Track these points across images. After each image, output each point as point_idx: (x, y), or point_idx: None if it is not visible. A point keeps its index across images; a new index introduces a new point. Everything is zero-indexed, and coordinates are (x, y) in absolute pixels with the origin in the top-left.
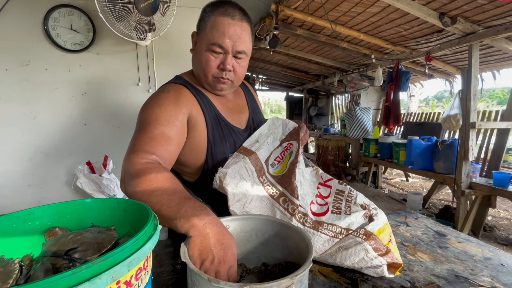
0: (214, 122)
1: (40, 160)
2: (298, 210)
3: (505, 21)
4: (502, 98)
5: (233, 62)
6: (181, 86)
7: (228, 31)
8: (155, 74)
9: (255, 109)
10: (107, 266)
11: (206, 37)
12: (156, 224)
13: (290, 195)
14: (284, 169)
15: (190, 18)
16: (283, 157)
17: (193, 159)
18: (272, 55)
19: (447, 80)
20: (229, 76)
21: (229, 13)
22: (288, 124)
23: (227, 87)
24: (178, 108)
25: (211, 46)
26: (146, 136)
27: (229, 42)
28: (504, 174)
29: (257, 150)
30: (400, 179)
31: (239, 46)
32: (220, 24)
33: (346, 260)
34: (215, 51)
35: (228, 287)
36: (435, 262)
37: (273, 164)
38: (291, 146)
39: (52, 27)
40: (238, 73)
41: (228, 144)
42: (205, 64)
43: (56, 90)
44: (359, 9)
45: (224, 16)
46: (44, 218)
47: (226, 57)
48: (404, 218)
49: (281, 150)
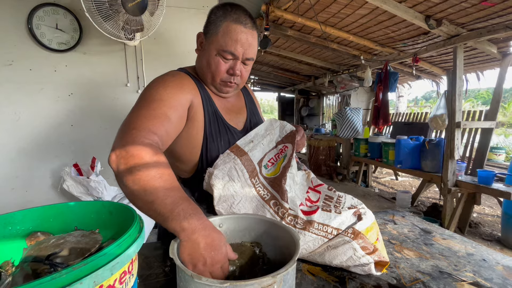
0: (212, 117)
1: (24, 162)
2: (288, 213)
3: (488, 24)
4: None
5: (241, 68)
6: (186, 75)
7: (241, 39)
8: (144, 75)
9: (254, 111)
10: (89, 270)
11: (217, 42)
12: (142, 227)
13: (280, 198)
14: (277, 172)
15: (179, 18)
16: (277, 159)
17: (189, 153)
18: (263, 55)
19: (434, 81)
20: (236, 81)
21: (241, 21)
22: (286, 127)
23: (233, 90)
24: (182, 93)
25: (222, 52)
26: (149, 113)
27: (241, 49)
28: (488, 172)
29: (250, 151)
30: (390, 178)
31: (249, 54)
32: (233, 32)
33: (335, 259)
34: (226, 57)
35: (210, 283)
36: (421, 259)
37: (266, 166)
38: (286, 149)
39: (37, 26)
40: (244, 77)
41: (223, 142)
42: (214, 68)
43: (41, 91)
44: (348, 11)
45: (237, 24)
46: (25, 222)
47: (235, 63)
48: (392, 217)
49: (275, 152)
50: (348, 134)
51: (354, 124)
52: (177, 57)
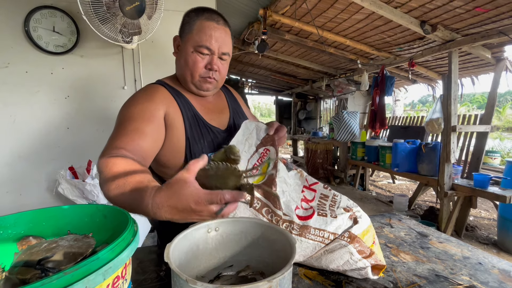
0: (192, 121)
1: (19, 165)
2: (283, 220)
3: (482, 29)
4: (482, 102)
5: (218, 63)
6: (158, 85)
7: (215, 34)
8: (141, 77)
9: (237, 110)
10: (81, 275)
11: (192, 39)
12: (136, 230)
13: (272, 206)
14: (263, 178)
15: (177, 21)
16: (261, 163)
17: (173, 159)
18: (260, 59)
19: (430, 85)
20: (215, 76)
21: (213, 18)
22: (262, 128)
23: (213, 87)
24: (153, 104)
25: (198, 48)
26: (117, 134)
27: (216, 44)
28: (484, 175)
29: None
30: (387, 182)
31: (224, 48)
32: (207, 28)
33: (331, 263)
34: (202, 52)
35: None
36: (417, 263)
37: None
38: (268, 152)
39: (34, 29)
40: (222, 73)
41: (206, 143)
42: (192, 65)
43: (37, 93)
44: (344, 16)
45: (210, 21)
46: (17, 226)
47: (212, 58)
48: (389, 220)
49: (257, 157)
50: (345, 137)
51: (351, 128)
52: (173, 60)
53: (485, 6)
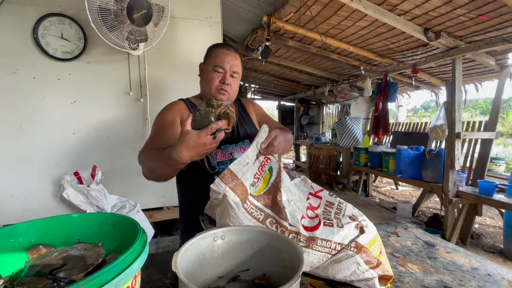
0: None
1: (24, 170)
2: (289, 231)
3: (485, 37)
4: (485, 108)
5: (230, 79)
6: (179, 101)
7: (226, 57)
8: (147, 84)
9: (245, 118)
10: (94, 287)
11: (211, 62)
12: (146, 240)
13: (278, 217)
14: (264, 187)
15: (183, 29)
16: (262, 173)
17: None
18: (264, 65)
19: (433, 91)
20: (227, 89)
21: (226, 47)
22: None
23: (226, 98)
24: (171, 113)
25: (215, 67)
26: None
27: (228, 64)
28: (489, 183)
29: (244, 175)
30: (390, 188)
31: (234, 68)
32: (221, 53)
33: (338, 274)
34: (217, 71)
35: None
36: (425, 273)
37: (253, 184)
38: (269, 160)
39: (42, 36)
40: (233, 88)
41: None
42: (210, 80)
43: (44, 99)
44: (348, 23)
45: (223, 49)
46: (28, 235)
47: (225, 75)
48: (394, 228)
49: (258, 165)
50: (348, 143)
51: (354, 133)
52: (179, 67)
53: (489, 14)
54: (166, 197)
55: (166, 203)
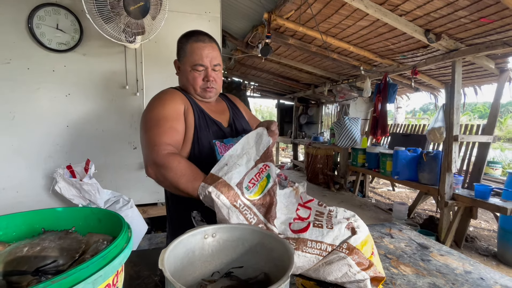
0: (200, 115)
1: (17, 162)
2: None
3: (486, 40)
4: (483, 112)
5: (213, 74)
6: (176, 90)
7: (204, 52)
8: (143, 77)
9: (237, 112)
10: (68, 285)
11: (188, 60)
12: (130, 236)
13: (269, 224)
14: (259, 193)
15: (181, 22)
16: (258, 179)
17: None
18: (264, 62)
19: (432, 93)
20: (213, 85)
21: (200, 39)
22: (263, 141)
23: (213, 94)
24: (177, 104)
25: (194, 66)
26: (160, 130)
27: (207, 60)
28: (485, 186)
29: (225, 175)
30: (386, 189)
31: (214, 61)
32: (197, 49)
33: (329, 275)
34: (198, 69)
35: None
36: (417, 276)
37: (248, 187)
38: (267, 168)
39: (37, 26)
40: (218, 81)
41: (211, 132)
42: (192, 81)
43: (37, 90)
44: (349, 22)
45: (198, 42)
46: (9, 228)
47: (207, 71)
48: (389, 230)
49: (256, 172)
50: (346, 143)
51: (353, 134)
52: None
53: (490, 17)
54: (160, 193)
55: (160, 199)
